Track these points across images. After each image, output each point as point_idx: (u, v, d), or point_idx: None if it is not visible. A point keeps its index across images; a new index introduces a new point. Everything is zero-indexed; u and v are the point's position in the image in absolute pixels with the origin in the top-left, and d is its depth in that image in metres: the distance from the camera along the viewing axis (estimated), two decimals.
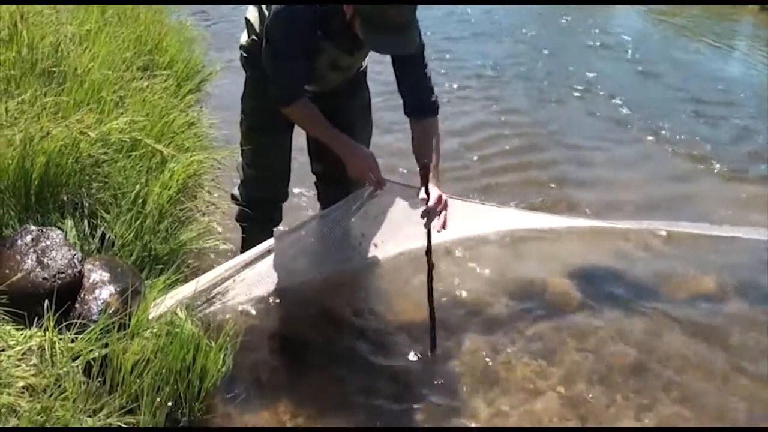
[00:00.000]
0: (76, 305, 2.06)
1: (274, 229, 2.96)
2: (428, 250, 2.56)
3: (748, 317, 3.16)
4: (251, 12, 2.63)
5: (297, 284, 2.77)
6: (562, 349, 2.82)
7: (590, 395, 2.60)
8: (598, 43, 7.82)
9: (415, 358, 2.69)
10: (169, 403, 2.09)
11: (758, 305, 3.25)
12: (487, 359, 2.72)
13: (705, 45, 8.33)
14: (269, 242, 2.61)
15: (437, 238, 2.68)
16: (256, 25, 2.60)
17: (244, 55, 2.69)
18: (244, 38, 2.69)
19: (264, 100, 2.58)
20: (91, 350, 1.94)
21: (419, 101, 2.58)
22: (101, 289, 2.09)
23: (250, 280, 2.51)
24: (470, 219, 3.03)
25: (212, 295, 2.37)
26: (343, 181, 2.72)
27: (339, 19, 2.34)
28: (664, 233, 3.69)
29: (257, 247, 2.57)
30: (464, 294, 3.09)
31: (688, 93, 6.36)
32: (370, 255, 2.87)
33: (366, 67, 2.82)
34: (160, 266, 2.41)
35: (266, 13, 2.51)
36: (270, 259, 2.57)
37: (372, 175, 2.53)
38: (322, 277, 2.86)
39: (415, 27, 2.35)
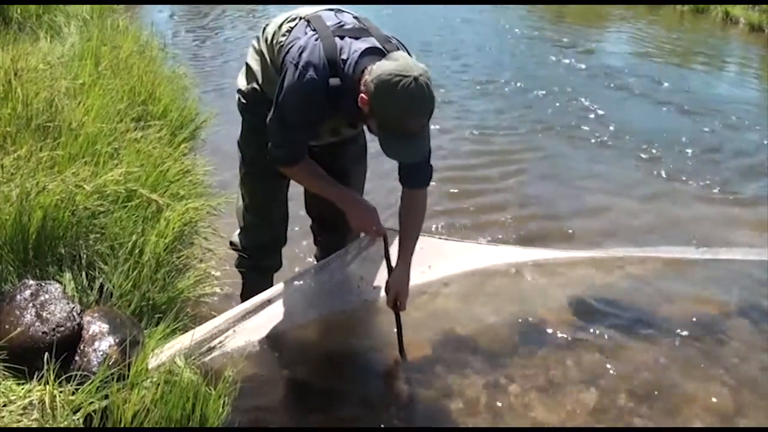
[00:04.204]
0: (76, 357, 2.06)
1: (275, 276, 2.96)
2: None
3: (749, 340, 3.18)
4: (253, 58, 2.59)
5: (296, 327, 2.77)
6: (564, 380, 2.83)
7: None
8: (587, 69, 7.96)
9: (419, 397, 2.69)
10: None
11: (760, 326, 3.28)
12: (489, 395, 2.72)
13: (697, 67, 8.46)
14: (267, 293, 2.60)
15: (433, 275, 2.72)
16: (258, 73, 2.56)
17: (242, 100, 2.64)
18: (242, 83, 2.63)
19: (261, 146, 2.54)
20: (92, 402, 1.95)
21: (412, 171, 2.53)
22: (101, 341, 2.09)
23: (249, 327, 2.51)
24: (464, 255, 3.05)
25: (211, 342, 2.38)
26: (338, 226, 2.73)
27: (349, 98, 2.28)
28: (660, 259, 3.72)
29: (255, 299, 2.56)
30: (463, 328, 3.09)
31: (682, 115, 6.50)
32: (368, 295, 2.88)
33: None
34: (159, 315, 2.42)
35: (268, 61, 2.50)
36: (269, 310, 2.58)
37: (373, 228, 2.57)
38: (321, 319, 2.86)
39: (427, 132, 2.35)
